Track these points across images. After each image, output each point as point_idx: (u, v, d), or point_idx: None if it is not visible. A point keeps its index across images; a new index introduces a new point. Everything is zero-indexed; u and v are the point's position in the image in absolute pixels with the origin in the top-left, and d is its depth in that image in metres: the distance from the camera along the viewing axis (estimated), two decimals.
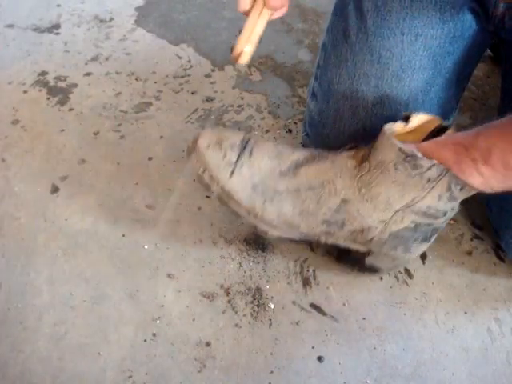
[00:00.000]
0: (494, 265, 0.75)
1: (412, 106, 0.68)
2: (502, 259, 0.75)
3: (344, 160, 0.61)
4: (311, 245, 0.73)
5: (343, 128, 0.70)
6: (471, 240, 0.77)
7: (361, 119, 0.69)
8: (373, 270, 0.69)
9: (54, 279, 0.70)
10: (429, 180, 0.56)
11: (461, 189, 0.56)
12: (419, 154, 0.55)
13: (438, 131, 0.61)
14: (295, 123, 0.94)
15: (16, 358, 0.63)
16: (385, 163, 0.57)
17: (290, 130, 0.92)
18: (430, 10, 0.66)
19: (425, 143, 0.58)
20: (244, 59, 0.56)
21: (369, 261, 0.67)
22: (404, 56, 0.67)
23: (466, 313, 0.70)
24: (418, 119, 0.60)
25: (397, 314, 0.69)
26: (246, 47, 0.56)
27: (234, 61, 0.58)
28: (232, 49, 0.57)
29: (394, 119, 0.68)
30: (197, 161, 0.64)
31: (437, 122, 0.61)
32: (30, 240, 0.74)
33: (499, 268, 0.74)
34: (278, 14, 0.61)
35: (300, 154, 0.64)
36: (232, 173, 0.62)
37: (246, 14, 0.58)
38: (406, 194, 0.58)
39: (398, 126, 0.59)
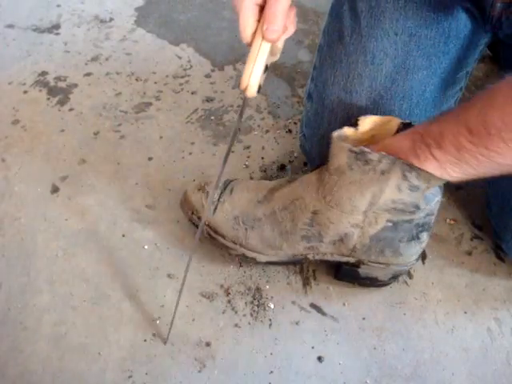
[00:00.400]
0: (494, 265, 0.75)
1: (406, 106, 0.68)
2: (501, 259, 0.75)
3: (309, 176, 0.65)
4: (302, 265, 0.73)
5: (337, 129, 0.70)
6: (471, 240, 0.77)
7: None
8: (373, 281, 0.68)
9: (54, 279, 0.70)
10: (382, 172, 0.57)
11: (417, 176, 0.56)
12: (367, 149, 0.56)
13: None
14: (295, 123, 0.94)
15: (16, 358, 0.63)
16: (340, 167, 0.59)
17: (289, 130, 0.93)
18: (424, 10, 0.66)
19: (385, 140, 0.59)
20: (251, 92, 0.56)
21: (363, 272, 0.67)
22: (398, 56, 0.67)
23: (465, 313, 0.70)
24: (369, 121, 0.61)
25: (397, 314, 0.69)
26: (251, 80, 0.56)
27: (243, 92, 0.58)
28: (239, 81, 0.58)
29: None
30: (186, 207, 0.71)
31: (395, 120, 0.61)
32: (29, 240, 0.74)
33: (499, 268, 0.74)
34: (284, 37, 0.58)
35: (276, 182, 0.70)
36: (215, 210, 0.68)
37: (249, 45, 0.57)
38: (364, 191, 0.59)
39: (346, 131, 0.61)
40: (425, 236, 0.64)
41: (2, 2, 1.18)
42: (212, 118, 0.94)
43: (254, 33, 0.56)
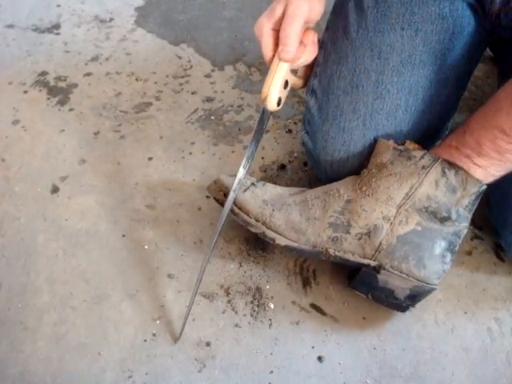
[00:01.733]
0: (494, 265, 0.75)
1: (412, 101, 0.69)
2: (501, 259, 0.75)
3: (345, 179, 0.68)
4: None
5: (343, 124, 0.70)
6: (471, 240, 0.77)
7: (361, 115, 0.69)
8: (389, 295, 0.65)
9: (54, 279, 0.70)
10: (423, 167, 0.61)
11: (455, 174, 0.60)
12: (411, 147, 0.61)
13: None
14: (295, 123, 0.94)
15: (16, 358, 0.63)
16: (382, 163, 0.62)
17: (289, 130, 0.93)
18: (430, 5, 0.67)
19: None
20: (271, 103, 0.63)
21: (382, 278, 0.63)
22: (404, 51, 0.68)
23: (465, 313, 0.70)
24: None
25: (397, 314, 0.69)
26: (270, 90, 0.62)
27: (264, 103, 0.64)
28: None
29: (394, 115, 0.69)
30: (215, 187, 0.71)
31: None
32: (29, 240, 0.74)
33: (499, 268, 0.74)
34: (306, 58, 0.67)
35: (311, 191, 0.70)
36: (245, 190, 0.69)
37: (269, 62, 0.64)
38: (403, 182, 0.62)
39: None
40: (448, 257, 0.62)
41: (2, 2, 1.18)
42: (212, 117, 0.94)
43: (274, 55, 0.64)
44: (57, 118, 0.93)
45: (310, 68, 0.73)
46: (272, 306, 0.69)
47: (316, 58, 0.71)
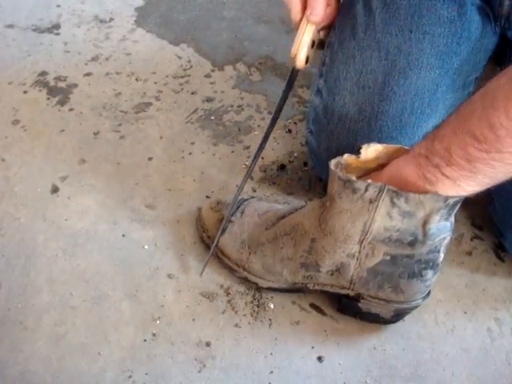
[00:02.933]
0: (494, 265, 0.75)
1: (418, 104, 0.68)
2: (501, 259, 0.75)
3: (313, 202, 0.65)
4: (304, 292, 0.70)
5: (348, 124, 0.70)
6: (471, 240, 0.77)
7: (366, 116, 0.69)
8: (376, 318, 0.65)
9: (54, 279, 0.70)
10: (371, 201, 0.55)
11: (406, 201, 0.53)
12: (353, 178, 0.54)
13: None
14: (295, 123, 0.94)
15: (16, 358, 0.63)
16: (331, 194, 0.58)
17: (289, 130, 0.93)
18: (438, 8, 0.67)
19: (387, 167, 0.57)
20: (299, 62, 0.66)
21: (363, 306, 0.64)
22: (412, 53, 0.67)
23: (465, 313, 0.70)
24: (372, 150, 0.58)
25: None
26: (300, 48, 0.65)
27: (293, 61, 0.67)
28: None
29: (400, 117, 0.68)
30: (200, 224, 0.74)
31: (403, 150, 0.57)
32: (30, 240, 0.74)
33: (499, 268, 0.74)
34: (328, 18, 0.69)
35: (286, 208, 0.70)
36: (223, 231, 0.70)
37: (297, 24, 0.66)
38: (356, 220, 0.57)
39: (347, 159, 0.58)
40: (429, 274, 0.60)
41: (2, 2, 1.18)
42: (212, 117, 0.94)
43: (301, 18, 0.66)
44: (57, 118, 0.93)
45: (329, 29, 0.74)
46: (272, 306, 0.69)
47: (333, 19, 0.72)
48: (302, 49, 0.65)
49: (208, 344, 0.65)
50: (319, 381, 0.63)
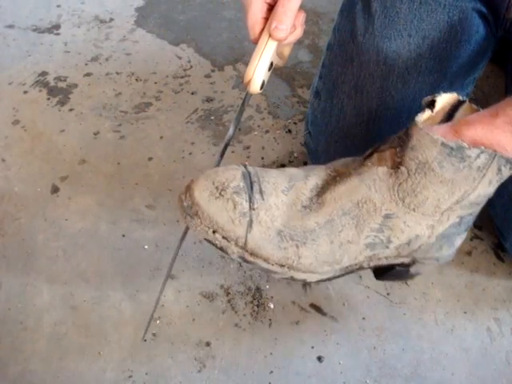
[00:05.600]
0: (494, 265, 0.75)
1: (416, 108, 0.68)
2: (501, 259, 0.75)
3: (372, 170, 0.53)
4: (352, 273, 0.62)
5: (346, 128, 0.70)
6: (471, 240, 0.77)
7: (364, 119, 0.69)
8: (414, 276, 0.61)
9: (54, 279, 0.70)
10: (478, 169, 0.50)
11: (510, 168, 0.51)
12: (465, 145, 0.48)
13: (453, 108, 0.55)
14: (295, 123, 0.94)
15: (16, 357, 0.63)
16: (427, 163, 0.50)
17: (289, 130, 0.93)
18: (439, 13, 0.66)
19: (469, 128, 0.50)
20: (254, 87, 0.55)
21: (414, 270, 0.58)
22: (410, 58, 0.67)
23: (465, 313, 0.70)
24: (442, 100, 0.53)
25: (397, 314, 0.69)
26: (255, 74, 0.55)
27: (246, 87, 0.57)
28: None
29: (398, 121, 0.68)
30: (201, 222, 0.51)
31: (454, 98, 0.54)
32: (30, 240, 0.74)
33: (499, 268, 0.74)
34: (291, 39, 0.58)
35: (316, 178, 0.55)
36: (250, 225, 0.51)
37: (255, 42, 0.56)
38: (456, 190, 0.51)
39: (426, 115, 0.52)
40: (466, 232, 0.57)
41: (2, 2, 1.18)
42: (212, 117, 0.94)
43: (262, 31, 0.55)
44: (57, 118, 0.93)
45: (291, 48, 0.64)
46: (272, 306, 0.69)
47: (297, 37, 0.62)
48: (259, 72, 0.55)
49: (208, 344, 0.65)
50: (319, 381, 0.63)
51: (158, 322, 0.67)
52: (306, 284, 0.64)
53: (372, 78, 0.68)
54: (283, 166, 0.86)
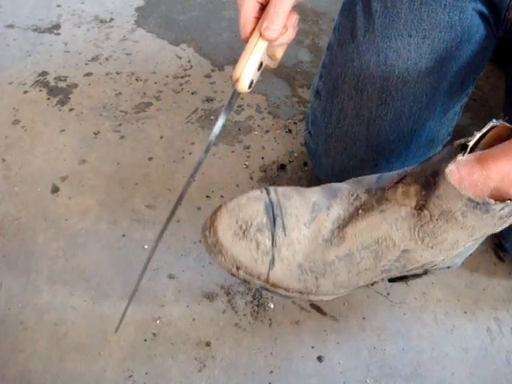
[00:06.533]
0: (494, 265, 0.75)
1: (416, 108, 0.68)
2: (501, 259, 0.75)
3: (395, 208, 0.53)
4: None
5: (346, 128, 0.70)
6: None
7: (364, 120, 0.69)
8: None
9: (54, 279, 0.70)
10: (501, 217, 0.51)
11: None
12: (491, 201, 0.49)
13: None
14: (295, 123, 0.94)
15: (16, 357, 0.63)
16: (451, 212, 0.50)
17: (289, 130, 0.93)
18: (439, 13, 0.66)
19: (496, 164, 0.49)
20: (242, 85, 0.55)
21: (425, 277, 0.60)
22: (410, 58, 0.67)
23: (465, 312, 0.70)
24: (475, 139, 0.52)
25: (397, 314, 0.69)
26: (243, 73, 0.54)
27: (234, 85, 0.57)
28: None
29: (398, 121, 0.68)
30: (225, 260, 0.54)
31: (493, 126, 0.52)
32: (30, 240, 0.74)
33: (499, 268, 0.74)
34: (283, 40, 0.56)
35: (338, 209, 0.55)
36: (272, 263, 0.53)
37: (246, 41, 0.57)
38: (475, 233, 0.52)
39: (457, 161, 0.51)
40: None
41: (2, 2, 1.18)
42: (212, 118, 0.94)
43: (253, 30, 0.55)
44: (57, 118, 0.93)
45: (283, 49, 0.61)
46: (272, 306, 0.69)
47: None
48: (247, 71, 0.55)
49: (208, 344, 0.65)
50: (319, 381, 0.63)
51: (158, 322, 0.67)
52: (321, 301, 0.64)
53: (372, 78, 0.68)
54: (283, 165, 0.86)
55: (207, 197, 0.80)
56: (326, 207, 0.55)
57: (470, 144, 0.51)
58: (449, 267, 0.58)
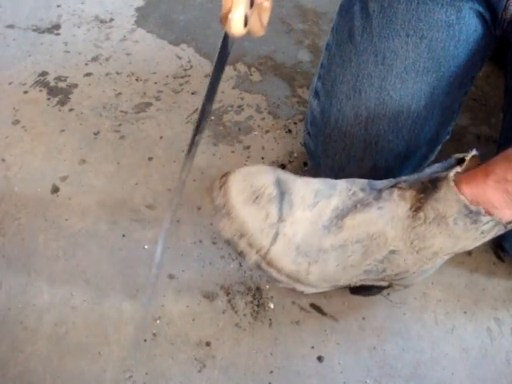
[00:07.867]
0: (494, 265, 0.75)
1: (415, 107, 0.68)
2: (501, 259, 0.75)
3: (393, 206, 0.55)
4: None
5: (345, 128, 0.70)
6: None
7: (363, 120, 0.69)
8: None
9: (54, 279, 0.70)
10: (483, 232, 0.54)
11: (504, 230, 0.55)
12: (482, 211, 0.52)
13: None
14: (295, 123, 0.94)
15: (16, 357, 0.63)
16: (445, 217, 0.53)
17: (289, 130, 0.93)
18: (436, 12, 0.66)
19: (468, 185, 0.53)
20: (235, 26, 0.46)
21: (386, 291, 0.65)
22: (408, 58, 0.67)
23: (465, 312, 0.70)
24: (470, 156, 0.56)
25: (396, 314, 0.69)
26: (233, 10, 0.45)
27: (228, 30, 0.49)
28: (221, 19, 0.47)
29: (396, 121, 0.68)
30: (231, 225, 0.52)
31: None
32: (30, 240, 0.74)
33: (499, 268, 0.74)
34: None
35: (337, 199, 0.57)
36: (275, 237, 0.53)
37: None
38: (458, 244, 0.55)
39: (455, 172, 0.54)
40: None
41: (2, 2, 1.18)
42: (212, 117, 0.94)
43: None
44: (57, 118, 0.93)
45: (268, 14, 0.54)
46: (272, 306, 0.69)
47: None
48: (237, 5, 0.44)
49: (208, 344, 0.65)
50: (319, 381, 0.63)
51: (157, 321, 0.67)
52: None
53: (370, 78, 0.68)
54: (283, 166, 0.86)
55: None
56: (328, 195, 0.56)
57: (468, 157, 0.54)
58: (406, 286, 0.63)
